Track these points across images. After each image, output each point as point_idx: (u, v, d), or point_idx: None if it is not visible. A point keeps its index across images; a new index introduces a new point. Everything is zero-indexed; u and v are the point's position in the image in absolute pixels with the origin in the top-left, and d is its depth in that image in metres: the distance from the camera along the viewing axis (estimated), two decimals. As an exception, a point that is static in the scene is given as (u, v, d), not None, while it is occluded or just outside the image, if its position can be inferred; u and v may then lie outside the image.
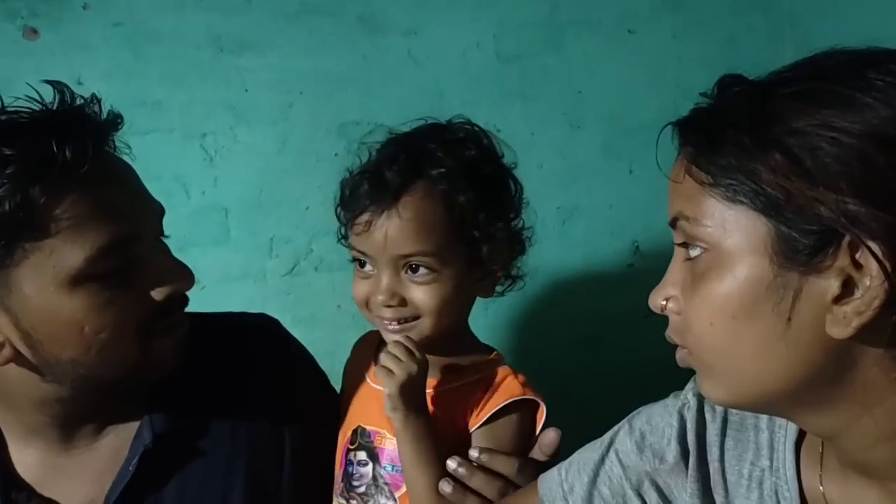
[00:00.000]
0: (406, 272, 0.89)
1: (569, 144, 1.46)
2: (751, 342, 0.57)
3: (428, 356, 0.92)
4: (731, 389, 0.61)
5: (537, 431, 0.95)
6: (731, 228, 0.57)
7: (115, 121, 0.84)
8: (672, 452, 0.72)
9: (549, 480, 0.80)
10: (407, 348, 0.89)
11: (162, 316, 0.84)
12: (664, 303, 0.63)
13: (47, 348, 0.80)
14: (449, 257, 0.89)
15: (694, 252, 0.60)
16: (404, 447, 0.90)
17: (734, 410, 0.72)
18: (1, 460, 0.87)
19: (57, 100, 0.81)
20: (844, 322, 0.54)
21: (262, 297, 1.36)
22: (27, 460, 0.88)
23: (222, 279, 1.35)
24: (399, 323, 0.91)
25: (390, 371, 0.89)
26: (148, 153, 0.92)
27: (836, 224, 0.53)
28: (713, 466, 0.71)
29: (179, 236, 0.91)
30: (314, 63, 1.37)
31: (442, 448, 0.90)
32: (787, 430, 0.68)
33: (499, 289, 0.99)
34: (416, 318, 0.91)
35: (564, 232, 1.47)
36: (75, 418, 0.88)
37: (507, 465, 0.90)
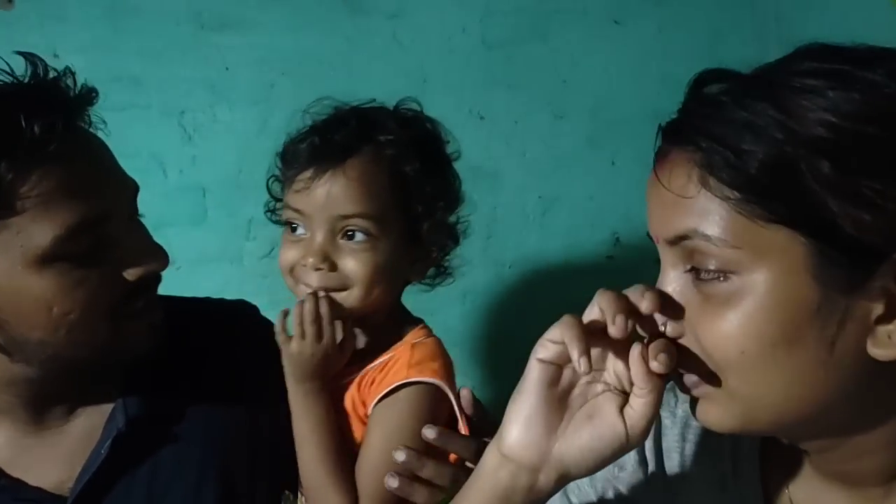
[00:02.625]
0: (342, 237, 0.86)
1: (552, 134, 1.46)
2: (789, 370, 0.53)
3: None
4: (747, 417, 0.56)
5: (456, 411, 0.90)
6: (765, 249, 0.51)
7: (89, 95, 0.81)
8: (630, 461, 0.71)
9: None
10: (318, 324, 0.85)
11: (134, 297, 0.82)
12: (662, 327, 0.57)
13: (14, 328, 0.78)
14: (388, 226, 0.86)
15: (710, 275, 0.54)
16: (300, 425, 0.88)
17: None
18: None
19: (29, 72, 0.78)
20: (889, 343, 0.51)
21: (238, 279, 1.35)
22: None
23: (198, 260, 1.33)
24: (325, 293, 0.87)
25: (287, 339, 0.87)
26: (124, 130, 0.89)
27: (882, 242, 0.50)
28: (673, 472, 0.70)
29: (155, 215, 0.89)
30: (297, 43, 1.35)
31: (343, 446, 0.88)
32: (751, 436, 0.67)
33: (429, 281, 0.96)
34: (344, 289, 0.87)
35: (545, 222, 1.47)
36: (45, 399, 0.86)
37: (463, 446, 0.86)
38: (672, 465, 0.70)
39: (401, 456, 0.85)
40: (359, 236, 0.86)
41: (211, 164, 1.35)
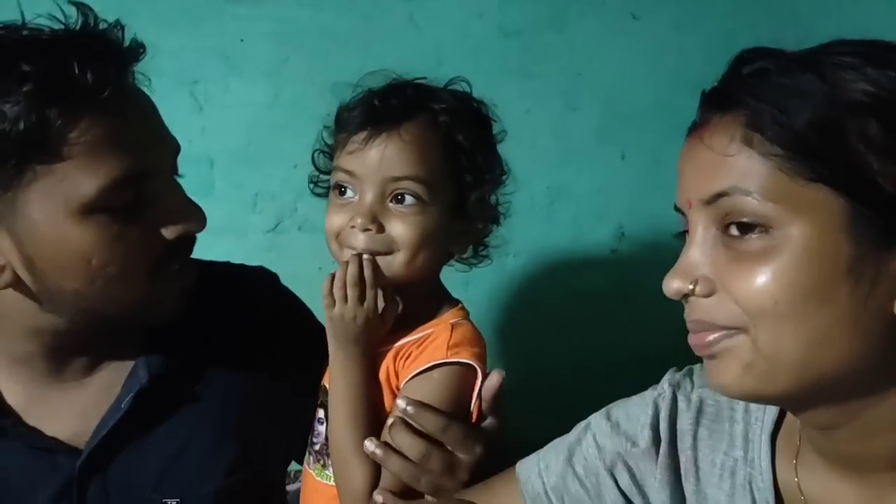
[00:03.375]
0: (391, 200, 0.86)
1: (563, 125, 1.46)
2: (818, 326, 0.54)
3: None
4: (766, 377, 0.56)
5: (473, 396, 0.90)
6: (804, 205, 0.53)
7: (138, 50, 0.81)
8: (644, 438, 0.73)
9: (528, 461, 0.81)
10: (361, 287, 0.85)
11: (170, 257, 0.82)
12: (690, 286, 0.58)
13: (50, 277, 0.78)
14: (438, 193, 0.87)
15: (747, 231, 0.55)
16: (334, 389, 0.88)
17: (710, 402, 0.72)
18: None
19: (80, 21, 0.78)
20: None
21: (243, 252, 1.34)
22: (14, 388, 0.87)
23: (205, 231, 1.32)
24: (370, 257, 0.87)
25: (332, 303, 0.87)
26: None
27: None
28: (685, 455, 0.71)
29: (163, 183, 0.89)
30: (313, 18, 1.35)
31: (374, 415, 0.88)
32: (763, 422, 0.68)
33: (467, 260, 0.96)
34: (390, 252, 0.87)
35: (552, 212, 1.47)
36: (68, 351, 0.87)
37: (431, 422, 0.84)
38: (684, 446, 0.71)
39: (402, 403, 0.85)
40: (409, 200, 0.86)
41: (220, 136, 1.35)
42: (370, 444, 0.85)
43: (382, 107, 0.88)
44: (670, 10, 1.46)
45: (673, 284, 0.59)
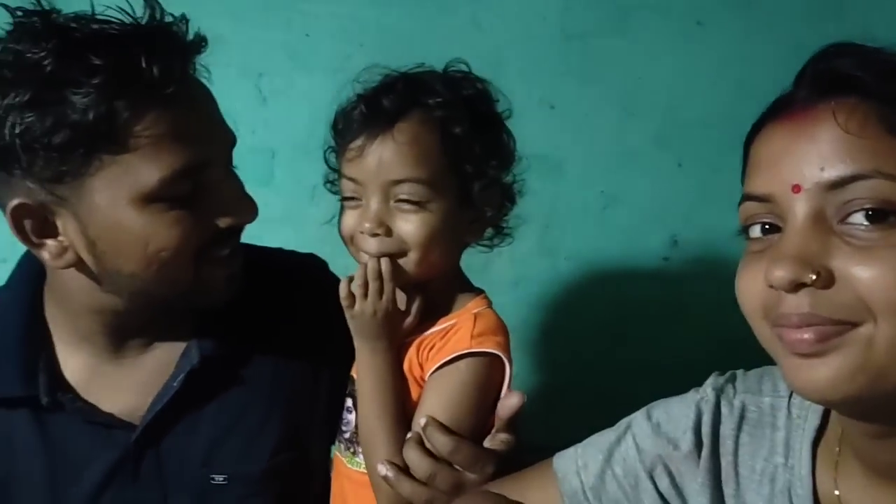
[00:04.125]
0: (396, 202, 0.86)
1: (620, 130, 1.45)
2: None
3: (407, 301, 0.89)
4: (879, 376, 0.53)
5: (504, 389, 0.90)
6: None
7: (200, 44, 0.84)
8: (686, 441, 0.72)
9: (565, 457, 0.81)
10: (380, 282, 0.87)
11: (220, 243, 0.86)
12: (813, 276, 0.54)
13: (110, 259, 0.82)
14: (441, 189, 0.87)
15: (876, 218, 0.52)
16: (362, 383, 0.89)
17: (752, 408, 0.71)
18: (48, 362, 0.90)
19: (147, 15, 0.81)
20: None
21: (299, 243, 1.37)
22: (74, 364, 0.91)
23: (262, 220, 1.32)
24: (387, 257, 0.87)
25: (352, 303, 0.88)
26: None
27: None
28: (726, 460, 0.71)
29: (225, 172, 0.92)
30: (378, 16, 1.37)
31: (402, 407, 0.89)
32: (804, 430, 0.68)
33: (487, 242, 0.96)
34: (403, 253, 0.88)
35: (605, 217, 1.46)
36: (126, 330, 0.91)
37: (440, 442, 0.84)
38: (726, 451, 0.71)
39: (421, 421, 0.86)
40: (412, 200, 0.86)
41: (283, 129, 1.38)
42: (382, 468, 0.86)
43: (374, 109, 0.87)
44: (738, 17, 1.44)
45: (788, 274, 0.54)
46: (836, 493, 0.65)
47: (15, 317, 0.90)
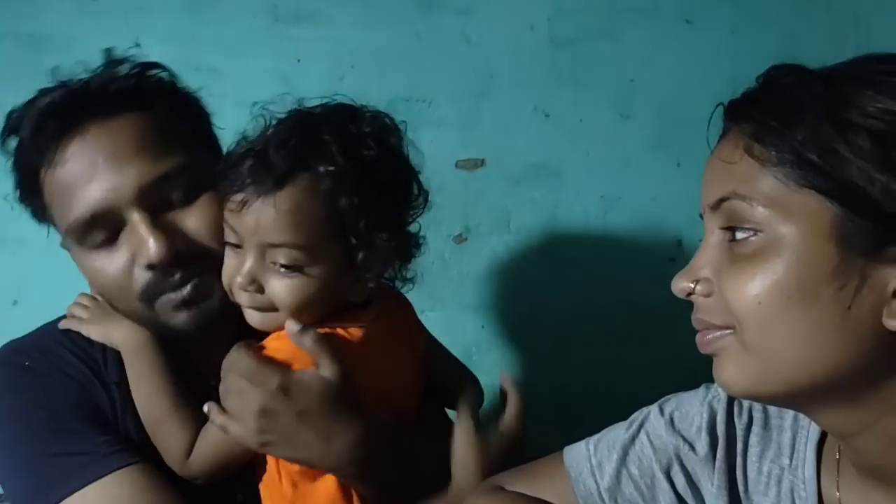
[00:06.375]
0: (271, 262, 0.84)
1: (617, 133, 1.45)
2: (803, 327, 0.56)
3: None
4: (761, 377, 0.58)
5: None
6: (795, 211, 0.56)
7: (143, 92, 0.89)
8: (702, 444, 0.72)
9: (577, 454, 0.80)
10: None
11: (162, 277, 0.87)
12: (692, 285, 0.62)
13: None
14: (319, 256, 0.84)
15: (742, 234, 0.58)
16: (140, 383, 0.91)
17: (759, 408, 0.72)
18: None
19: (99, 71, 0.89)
20: None
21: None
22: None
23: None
24: (257, 311, 0.86)
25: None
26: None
27: None
28: (738, 460, 0.71)
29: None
30: (367, 37, 1.38)
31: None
32: (809, 432, 0.68)
33: (395, 285, 0.93)
34: (273, 309, 0.85)
35: (607, 222, 1.46)
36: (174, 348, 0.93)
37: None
38: (737, 452, 0.72)
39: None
40: (287, 265, 0.84)
41: (280, 154, 1.39)
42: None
43: (260, 167, 0.83)
44: (726, 13, 1.45)
45: (678, 284, 0.63)
46: (837, 495, 0.65)
47: None
